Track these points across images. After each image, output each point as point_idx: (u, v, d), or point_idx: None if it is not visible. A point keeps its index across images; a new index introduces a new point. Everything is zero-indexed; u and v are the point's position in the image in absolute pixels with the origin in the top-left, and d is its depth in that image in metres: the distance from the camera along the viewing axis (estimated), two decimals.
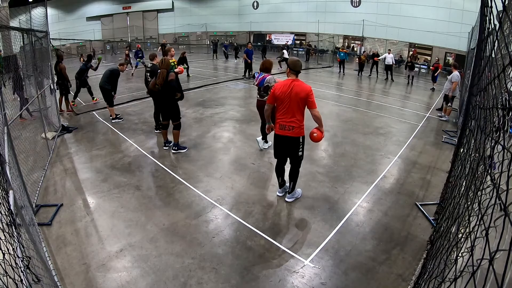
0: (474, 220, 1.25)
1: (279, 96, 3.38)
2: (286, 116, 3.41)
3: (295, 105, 3.35)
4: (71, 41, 22.38)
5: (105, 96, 6.70)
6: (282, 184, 3.88)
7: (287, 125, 3.43)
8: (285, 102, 3.37)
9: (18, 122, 5.36)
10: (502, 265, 0.85)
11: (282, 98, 3.38)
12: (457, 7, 16.22)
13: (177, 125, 5.05)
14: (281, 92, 3.37)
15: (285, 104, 3.38)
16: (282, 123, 3.45)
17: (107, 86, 6.54)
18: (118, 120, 6.82)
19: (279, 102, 3.42)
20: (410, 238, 3.20)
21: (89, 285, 2.55)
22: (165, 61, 4.83)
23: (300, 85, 3.34)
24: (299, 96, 3.30)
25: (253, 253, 2.93)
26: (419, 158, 5.20)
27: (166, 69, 4.79)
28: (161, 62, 4.85)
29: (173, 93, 4.89)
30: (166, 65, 4.80)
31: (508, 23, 2.01)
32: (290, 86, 3.33)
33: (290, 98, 3.33)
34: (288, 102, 3.35)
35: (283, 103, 3.39)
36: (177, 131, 5.10)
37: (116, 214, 3.52)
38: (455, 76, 7.42)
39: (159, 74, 4.75)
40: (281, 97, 3.38)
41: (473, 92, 3.22)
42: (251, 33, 27.84)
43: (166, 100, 4.94)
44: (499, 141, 1.24)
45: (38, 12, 6.37)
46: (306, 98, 3.30)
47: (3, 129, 2.92)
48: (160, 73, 4.75)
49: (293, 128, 3.43)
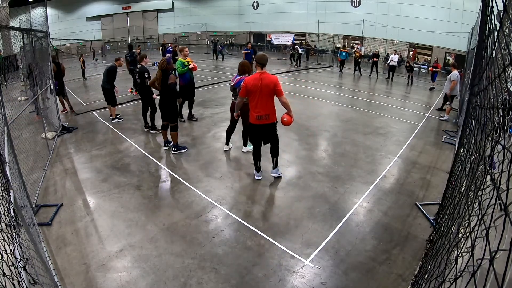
0: (474, 220, 1.25)
1: (252, 89, 3.75)
2: (261, 106, 3.81)
3: (267, 95, 3.77)
4: (71, 41, 22.36)
5: (106, 96, 6.71)
6: (259, 168, 4.27)
7: (263, 115, 3.84)
8: (257, 94, 3.76)
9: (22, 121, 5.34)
10: (502, 265, 0.85)
11: (254, 91, 3.75)
12: (457, 7, 16.21)
13: (174, 127, 5.03)
14: (252, 85, 3.73)
15: (256, 95, 3.77)
16: (259, 114, 3.84)
17: (107, 86, 6.56)
18: (118, 120, 6.83)
19: (251, 94, 3.79)
20: (410, 238, 3.20)
21: (89, 285, 2.55)
22: (161, 62, 4.79)
23: (268, 77, 3.75)
24: (269, 87, 3.73)
25: (253, 253, 2.93)
26: (419, 158, 5.20)
27: (161, 70, 4.76)
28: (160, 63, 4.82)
29: (172, 95, 4.87)
30: (161, 66, 4.76)
31: (508, 23, 2.01)
32: (259, 79, 3.73)
33: (261, 89, 3.73)
34: (259, 93, 3.75)
35: (255, 94, 3.77)
36: (175, 133, 5.07)
37: (116, 214, 3.52)
38: (454, 75, 7.45)
39: (156, 76, 4.72)
40: (253, 90, 3.75)
41: (473, 92, 3.22)
42: (251, 33, 27.83)
43: (164, 101, 4.92)
44: (499, 140, 1.24)
45: (38, 12, 6.37)
46: (274, 87, 3.73)
47: (3, 129, 2.92)
48: (157, 75, 4.72)
49: (268, 116, 3.88)
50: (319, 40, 22.12)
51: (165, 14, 28.74)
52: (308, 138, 5.93)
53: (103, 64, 18.27)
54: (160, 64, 4.84)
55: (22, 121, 5.55)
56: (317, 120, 7.09)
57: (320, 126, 6.62)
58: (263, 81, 3.70)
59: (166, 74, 4.84)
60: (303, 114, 7.50)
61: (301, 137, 5.97)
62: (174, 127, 5.04)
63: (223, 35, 28.98)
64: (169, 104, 4.92)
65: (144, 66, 5.83)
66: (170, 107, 4.93)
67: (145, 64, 5.89)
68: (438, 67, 12.34)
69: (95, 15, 26.69)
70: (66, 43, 23.08)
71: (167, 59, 4.89)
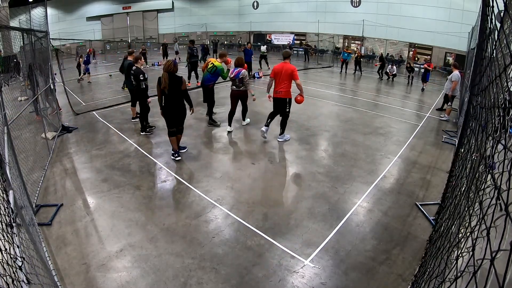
0: (475, 220, 1.25)
1: (276, 72, 5.30)
2: (279, 85, 5.31)
3: (285, 78, 5.23)
4: (71, 41, 22.36)
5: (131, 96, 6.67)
6: (268, 124, 5.62)
7: (278, 90, 5.34)
8: (279, 76, 5.26)
9: (22, 121, 5.33)
10: (502, 265, 0.85)
11: (277, 74, 5.28)
12: (457, 7, 16.20)
13: (181, 130, 4.90)
14: (277, 70, 5.29)
15: (278, 77, 5.27)
16: (277, 89, 5.36)
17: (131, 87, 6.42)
18: (137, 119, 6.63)
19: (276, 76, 5.30)
20: (410, 238, 3.20)
21: (89, 285, 2.55)
22: (167, 64, 4.49)
23: (288, 66, 5.26)
24: (287, 72, 5.21)
25: (253, 253, 2.93)
26: (419, 158, 5.20)
27: (168, 72, 4.44)
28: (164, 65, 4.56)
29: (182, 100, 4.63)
30: (166, 68, 4.46)
31: (508, 22, 2.01)
32: (282, 66, 5.27)
33: (282, 73, 5.23)
34: (280, 75, 5.24)
35: (278, 76, 5.27)
36: (180, 135, 4.96)
37: (116, 214, 3.52)
38: (455, 76, 7.44)
39: (162, 79, 4.45)
40: (277, 73, 5.29)
41: (474, 91, 3.21)
42: (251, 33, 27.82)
43: (175, 106, 4.64)
44: (499, 140, 1.24)
45: (38, 12, 6.37)
46: (291, 73, 5.19)
47: (3, 129, 2.92)
48: (162, 78, 4.45)
49: (281, 92, 5.31)
50: (319, 40, 22.12)
51: (165, 14, 28.72)
52: (308, 138, 5.93)
53: (103, 64, 18.25)
54: (166, 66, 4.48)
55: (22, 121, 5.55)
56: (317, 120, 7.09)
57: (320, 126, 6.62)
58: (284, 68, 5.22)
59: (174, 78, 4.50)
60: (303, 114, 7.50)
61: (301, 137, 5.97)
62: (181, 130, 4.91)
63: (223, 35, 28.97)
64: (181, 110, 4.69)
65: (139, 68, 5.68)
66: (182, 112, 4.73)
67: (141, 66, 5.75)
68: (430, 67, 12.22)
69: (95, 15, 26.66)
70: (66, 43, 23.06)
71: (174, 61, 4.65)
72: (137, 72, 5.65)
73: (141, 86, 5.71)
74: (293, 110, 7.81)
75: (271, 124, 5.75)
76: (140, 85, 5.71)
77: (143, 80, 5.68)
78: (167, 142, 5.70)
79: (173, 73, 4.49)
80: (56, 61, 9.87)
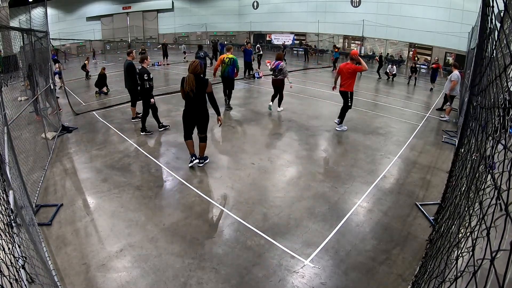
0: (475, 220, 1.25)
1: (341, 69, 6.20)
2: (342, 80, 6.20)
3: (347, 75, 6.07)
4: (71, 41, 22.37)
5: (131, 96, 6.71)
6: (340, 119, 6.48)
7: (342, 84, 6.22)
8: (342, 73, 6.17)
9: (22, 121, 5.34)
10: (502, 265, 0.85)
11: (341, 71, 6.21)
12: (457, 7, 16.21)
13: (204, 137, 4.54)
14: (340, 68, 6.22)
15: (342, 74, 6.16)
16: (341, 83, 6.26)
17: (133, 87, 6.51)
18: (137, 119, 6.74)
19: (341, 72, 6.19)
20: (410, 238, 3.20)
21: (89, 285, 2.55)
22: (193, 65, 4.14)
23: (350, 65, 6.04)
24: (349, 71, 6.04)
25: (253, 253, 2.93)
26: (419, 158, 5.20)
27: (194, 73, 4.12)
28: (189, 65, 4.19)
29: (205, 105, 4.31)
30: (193, 69, 4.11)
31: (508, 22, 2.01)
32: (345, 65, 6.13)
33: (343, 71, 6.12)
34: (343, 73, 6.14)
35: (341, 74, 6.18)
36: (205, 144, 4.60)
37: (116, 214, 3.52)
38: (454, 76, 7.44)
39: (186, 80, 4.13)
40: (342, 70, 6.18)
41: (474, 91, 3.21)
42: (251, 33, 27.83)
43: (199, 111, 4.33)
44: (499, 140, 1.24)
45: (38, 12, 6.37)
46: (353, 71, 6.05)
47: (3, 129, 2.92)
48: (187, 79, 4.13)
49: (345, 85, 6.16)
50: (319, 40, 22.13)
51: (165, 14, 28.75)
52: (308, 138, 5.93)
53: (103, 64, 18.26)
54: (192, 67, 4.13)
55: (22, 121, 5.55)
56: (317, 120, 7.09)
57: (320, 126, 6.62)
58: (346, 67, 6.08)
59: (200, 80, 4.19)
60: (304, 114, 7.50)
61: (301, 137, 5.97)
62: (205, 137, 4.55)
63: (223, 35, 28.97)
64: (204, 115, 4.37)
65: (144, 68, 5.79)
66: (205, 118, 4.40)
67: (146, 66, 5.85)
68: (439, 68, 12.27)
69: (95, 15, 26.70)
70: (66, 43, 23.07)
71: (200, 61, 4.34)
72: (142, 71, 5.74)
73: (145, 86, 5.77)
74: (293, 110, 7.85)
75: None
76: (144, 85, 5.77)
77: (147, 80, 5.74)
78: (167, 142, 5.73)
79: (199, 74, 4.20)
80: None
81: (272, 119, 7.11)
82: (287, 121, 6.93)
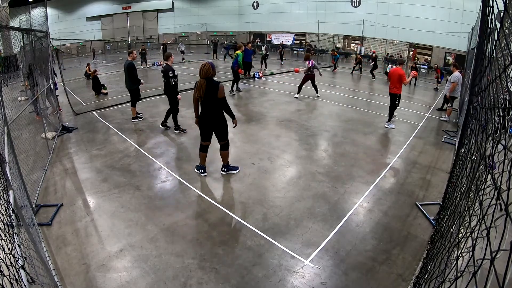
0: (475, 220, 1.25)
1: (391, 73, 6.76)
2: (391, 83, 6.73)
3: (395, 78, 6.58)
4: (71, 41, 22.35)
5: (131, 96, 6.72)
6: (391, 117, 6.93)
7: (390, 87, 6.78)
8: (391, 77, 6.74)
9: (22, 121, 5.34)
10: (502, 265, 0.85)
11: (391, 75, 6.73)
12: (457, 7, 16.20)
13: (225, 145, 4.28)
14: (392, 72, 6.77)
15: (392, 78, 6.72)
16: (390, 87, 6.80)
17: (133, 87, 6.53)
18: (137, 119, 6.83)
19: (391, 76, 6.73)
20: (410, 238, 3.20)
21: (89, 285, 2.55)
22: (204, 69, 3.86)
23: (397, 70, 6.67)
24: (396, 75, 6.57)
25: (253, 253, 2.93)
26: (419, 158, 5.20)
27: (205, 78, 3.87)
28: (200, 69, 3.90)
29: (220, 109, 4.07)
30: (205, 73, 3.86)
31: (508, 22, 2.01)
32: (395, 70, 6.70)
33: (392, 76, 6.69)
34: (392, 77, 6.70)
35: (391, 77, 6.73)
36: (226, 152, 4.35)
37: (116, 214, 3.52)
38: (454, 77, 7.43)
39: (197, 85, 3.90)
40: (391, 74, 6.74)
41: (474, 91, 3.21)
42: (251, 33, 27.82)
43: (213, 117, 4.06)
44: (499, 140, 1.24)
45: (38, 12, 6.38)
46: (398, 76, 6.54)
47: (3, 129, 2.92)
48: (198, 84, 3.89)
49: (393, 89, 6.68)
50: (319, 40, 22.12)
51: (165, 14, 28.73)
52: (308, 138, 5.93)
53: (103, 64, 18.26)
54: (204, 70, 3.85)
55: (22, 121, 5.55)
56: (317, 120, 7.09)
57: (320, 126, 6.62)
58: (395, 71, 6.66)
59: (211, 84, 3.90)
60: (303, 114, 7.50)
61: (301, 137, 5.97)
62: (225, 145, 4.29)
63: (223, 35, 28.97)
64: (220, 121, 4.11)
65: (169, 65, 5.84)
66: (221, 124, 4.14)
67: (171, 64, 5.92)
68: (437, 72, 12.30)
69: (95, 15, 26.67)
70: (66, 43, 23.06)
71: (211, 64, 3.93)
72: (166, 69, 5.79)
73: (170, 83, 5.83)
74: (293, 110, 7.86)
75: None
76: (169, 82, 5.83)
77: (172, 77, 5.80)
78: (167, 142, 5.73)
79: (211, 78, 3.92)
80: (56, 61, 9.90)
81: (272, 119, 7.11)
82: (287, 121, 6.93)
